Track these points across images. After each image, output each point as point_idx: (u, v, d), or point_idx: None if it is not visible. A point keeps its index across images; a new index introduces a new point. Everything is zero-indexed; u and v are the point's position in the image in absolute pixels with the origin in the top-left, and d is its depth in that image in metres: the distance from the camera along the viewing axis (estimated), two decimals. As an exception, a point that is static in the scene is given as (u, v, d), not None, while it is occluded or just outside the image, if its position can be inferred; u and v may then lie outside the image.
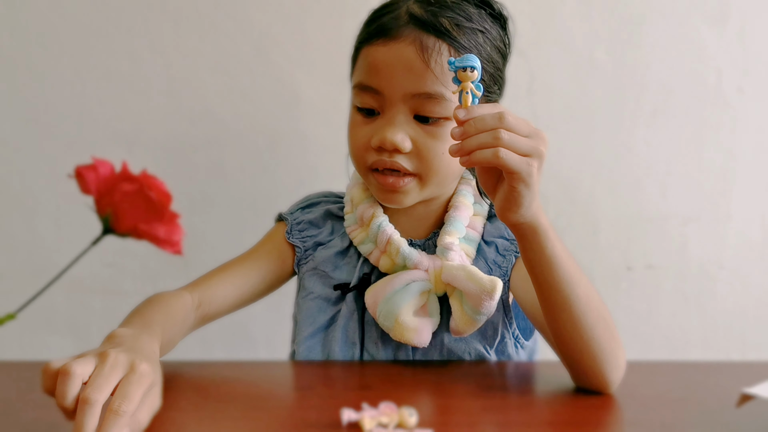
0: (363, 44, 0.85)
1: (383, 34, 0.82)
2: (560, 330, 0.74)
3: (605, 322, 0.74)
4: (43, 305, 1.26)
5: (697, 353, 1.34)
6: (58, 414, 0.62)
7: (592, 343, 0.73)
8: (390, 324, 0.83)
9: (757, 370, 0.85)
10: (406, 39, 0.81)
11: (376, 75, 0.82)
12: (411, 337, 0.82)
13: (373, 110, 0.84)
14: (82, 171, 0.57)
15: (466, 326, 0.82)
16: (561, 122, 1.30)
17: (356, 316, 0.87)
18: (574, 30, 1.29)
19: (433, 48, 0.80)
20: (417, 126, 0.82)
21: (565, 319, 0.73)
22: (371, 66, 0.83)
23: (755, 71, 1.30)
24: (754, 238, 1.33)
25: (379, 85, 0.82)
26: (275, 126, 1.28)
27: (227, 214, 1.29)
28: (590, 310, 0.73)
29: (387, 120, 0.82)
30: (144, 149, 1.27)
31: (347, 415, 0.62)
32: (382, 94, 0.82)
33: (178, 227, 0.57)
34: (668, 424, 0.67)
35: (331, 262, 0.91)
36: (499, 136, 0.65)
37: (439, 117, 0.82)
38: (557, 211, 1.30)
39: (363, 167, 0.86)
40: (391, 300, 0.82)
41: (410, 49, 0.81)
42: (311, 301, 0.90)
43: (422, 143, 0.82)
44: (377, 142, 0.82)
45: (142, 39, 1.26)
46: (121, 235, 0.57)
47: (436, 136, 0.82)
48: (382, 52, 0.82)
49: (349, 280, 0.89)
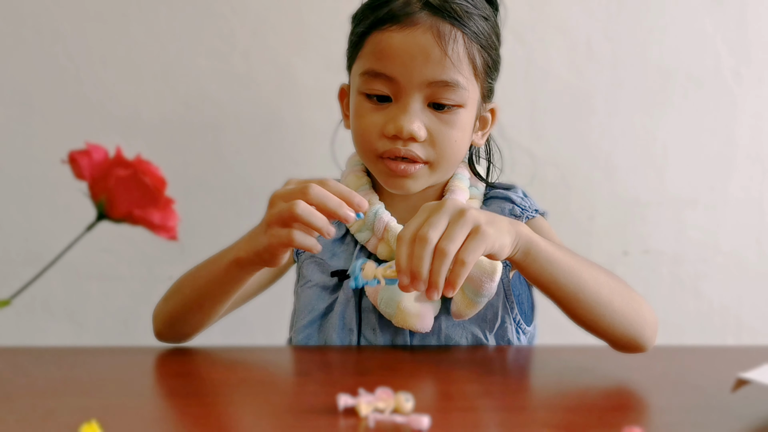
0: (372, 29, 0.83)
1: (396, 19, 0.81)
2: (580, 317, 0.77)
3: (620, 292, 0.77)
4: (39, 291, 1.26)
5: (692, 338, 1.34)
6: (55, 399, 0.63)
7: (614, 316, 0.76)
8: (392, 311, 0.82)
9: (752, 354, 0.85)
10: (423, 25, 0.80)
11: (390, 62, 0.81)
12: (414, 323, 0.82)
13: (385, 97, 0.83)
14: (75, 156, 0.56)
15: (467, 309, 0.82)
16: (558, 107, 1.29)
17: (353, 303, 0.87)
18: (572, 14, 1.28)
19: (449, 35, 0.80)
20: (431, 113, 0.82)
21: (581, 307, 0.76)
22: (385, 52, 0.81)
23: (754, 56, 1.30)
24: (751, 223, 1.33)
25: (394, 72, 0.81)
26: (271, 111, 1.28)
27: (223, 200, 1.28)
28: (601, 289, 0.75)
29: (401, 108, 0.82)
30: (138, 134, 1.26)
31: (343, 400, 0.62)
32: (397, 81, 0.81)
33: (173, 213, 0.57)
34: (663, 408, 0.67)
35: (329, 249, 0.90)
36: (444, 255, 0.65)
37: (454, 104, 0.82)
38: (554, 196, 1.30)
39: (372, 155, 0.85)
40: (392, 286, 0.82)
41: (427, 36, 0.80)
42: (309, 289, 0.90)
43: (437, 131, 0.82)
44: (393, 130, 0.81)
45: (136, 23, 1.25)
46: (115, 220, 0.57)
47: (450, 124, 0.83)
48: (398, 39, 0.81)
49: (346, 267, 0.89)
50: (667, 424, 0.63)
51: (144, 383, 0.72)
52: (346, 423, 0.60)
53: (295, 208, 0.69)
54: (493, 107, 0.91)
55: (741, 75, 1.30)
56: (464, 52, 0.82)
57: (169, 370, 0.77)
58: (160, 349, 0.84)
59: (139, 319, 1.29)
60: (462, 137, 0.85)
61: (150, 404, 0.66)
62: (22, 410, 0.64)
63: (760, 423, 0.63)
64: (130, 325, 1.30)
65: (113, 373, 0.76)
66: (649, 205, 1.32)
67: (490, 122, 0.92)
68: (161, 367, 0.78)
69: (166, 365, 0.79)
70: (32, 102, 1.25)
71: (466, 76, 0.82)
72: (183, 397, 0.69)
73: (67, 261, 1.23)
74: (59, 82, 1.25)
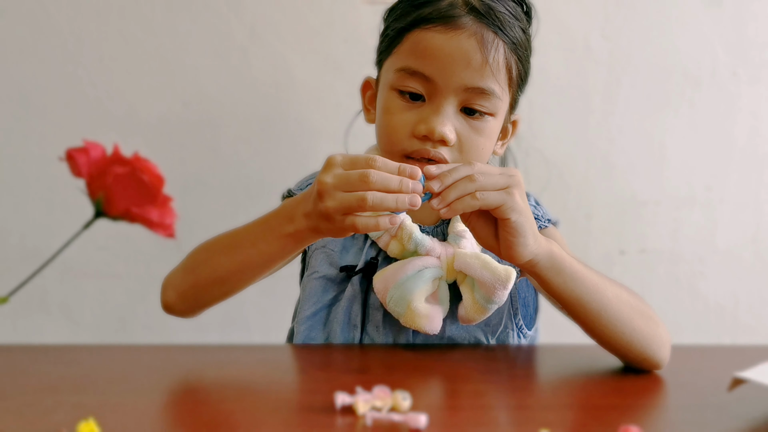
0: (413, 27, 0.82)
1: (441, 20, 0.80)
2: (600, 333, 0.77)
3: (640, 310, 0.78)
4: (35, 288, 1.26)
5: (688, 337, 1.34)
6: (52, 397, 0.62)
7: (634, 334, 0.76)
8: (401, 310, 0.81)
9: (748, 354, 0.85)
10: (468, 30, 0.80)
11: (430, 62, 0.80)
12: (423, 324, 0.81)
13: (417, 95, 0.82)
14: (73, 154, 0.56)
15: (477, 314, 0.81)
16: (555, 106, 1.29)
17: (359, 300, 0.87)
18: (569, 13, 1.28)
19: (492, 43, 0.80)
20: (463, 119, 0.82)
21: (602, 325, 0.76)
22: (426, 52, 0.81)
23: (751, 55, 1.30)
24: (747, 223, 1.34)
25: (433, 73, 0.80)
26: (269, 109, 1.27)
27: (220, 197, 1.28)
28: (623, 306, 0.77)
29: (434, 109, 0.81)
30: (136, 132, 1.26)
31: (341, 398, 0.62)
32: (434, 82, 0.81)
33: (170, 210, 0.57)
34: (660, 407, 0.68)
35: (339, 242, 0.89)
36: (474, 178, 0.70)
37: (486, 112, 0.82)
38: (551, 195, 1.30)
39: (398, 153, 0.83)
40: (403, 286, 0.81)
41: (471, 41, 0.80)
42: (315, 281, 0.89)
43: (466, 137, 0.82)
44: (425, 131, 0.80)
45: (134, 20, 1.24)
46: (113, 218, 0.57)
47: (479, 131, 0.83)
48: (441, 40, 0.80)
49: (355, 262, 0.88)
50: (664, 423, 0.63)
51: (141, 381, 0.72)
52: (343, 421, 0.60)
53: (368, 199, 0.68)
54: (515, 119, 0.91)
55: (738, 74, 1.30)
56: (503, 62, 0.82)
57: (166, 368, 0.77)
58: (157, 347, 0.84)
59: (136, 317, 1.29)
60: (488, 146, 0.85)
61: (147, 402, 0.66)
62: (19, 408, 0.64)
63: (756, 422, 0.63)
64: (127, 323, 1.29)
65: (110, 370, 0.76)
66: (646, 204, 1.32)
67: (510, 132, 0.92)
68: (158, 364, 0.78)
69: (163, 363, 0.79)
70: (30, 99, 1.25)
71: (502, 85, 0.83)
72: (180, 394, 0.69)
73: (64, 258, 1.23)
74: (57, 80, 1.25)
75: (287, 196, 0.92)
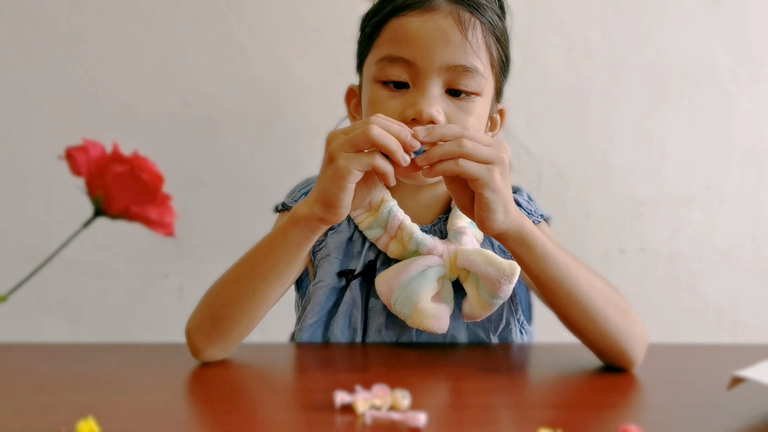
0: (389, 17, 0.82)
1: (417, 4, 0.81)
2: (572, 320, 0.77)
3: (615, 302, 0.77)
4: (35, 287, 1.26)
5: (688, 336, 1.34)
6: (52, 395, 0.62)
7: (606, 325, 0.76)
8: (408, 311, 0.80)
9: (747, 352, 0.85)
10: (443, 11, 0.81)
11: (409, 46, 0.80)
12: (431, 324, 0.80)
13: (402, 83, 0.82)
14: (72, 152, 0.56)
15: (482, 310, 0.81)
16: (554, 105, 1.29)
17: (360, 304, 0.86)
18: (569, 12, 1.28)
19: (469, 21, 0.81)
20: (449, 100, 0.82)
21: (574, 311, 0.76)
22: (404, 37, 0.81)
23: (750, 54, 1.30)
24: (747, 221, 1.34)
25: (413, 56, 0.80)
26: (268, 107, 1.27)
27: (220, 196, 1.28)
28: (596, 294, 0.76)
29: (420, 92, 0.80)
30: (136, 130, 1.26)
31: (340, 397, 0.62)
32: (416, 66, 0.80)
33: (170, 209, 0.57)
34: (659, 406, 0.68)
35: (342, 248, 0.88)
36: (461, 143, 0.70)
37: (471, 92, 0.82)
38: (550, 193, 1.30)
39: None
40: (408, 287, 0.80)
41: (448, 20, 0.80)
42: (320, 290, 0.87)
43: (455, 118, 0.81)
44: (413, 114, 0.80)
45: (133, 19, 1.24)
46: (112, 217, 0.57)
47: (468, 111, 0.82)
48: (418, 23, 0.80)
49: (354, 266, 0.87)
50: (663, 422, 0.63)
51: (140, 380, 0.72)
52: (342, 420, 0.60)
53: (369, 130, 0.70)
54: (502, 108, 0.91)
55: (737, 73, 1.30)
56: (482, 40, 0.82)
57: (165, 367, 0.77)
58: (156, 346, 0.84)
59: (136, 316, 1.29)
60: (478, 127, 0.84)
61: (146, 400, 0.66)
62: (19, 406, 0.64)
63: (755, 421, 0.63)
64: (126, 322, 1.29)
65: (109, 369, 0.76)
66: (645, 202, 1.32)
67: (499, 124, 0.92)
68: (158, 363, 0.78)
69: (162, 362, 0.79)
70: (29, 98, 1.25)
71: (484, 63, 0.82)
72: (180, 393, 0.69)
73: (63, 257, 1.23)
74: (56, 79, 1.24)
75: (281, 210, 0.90)
